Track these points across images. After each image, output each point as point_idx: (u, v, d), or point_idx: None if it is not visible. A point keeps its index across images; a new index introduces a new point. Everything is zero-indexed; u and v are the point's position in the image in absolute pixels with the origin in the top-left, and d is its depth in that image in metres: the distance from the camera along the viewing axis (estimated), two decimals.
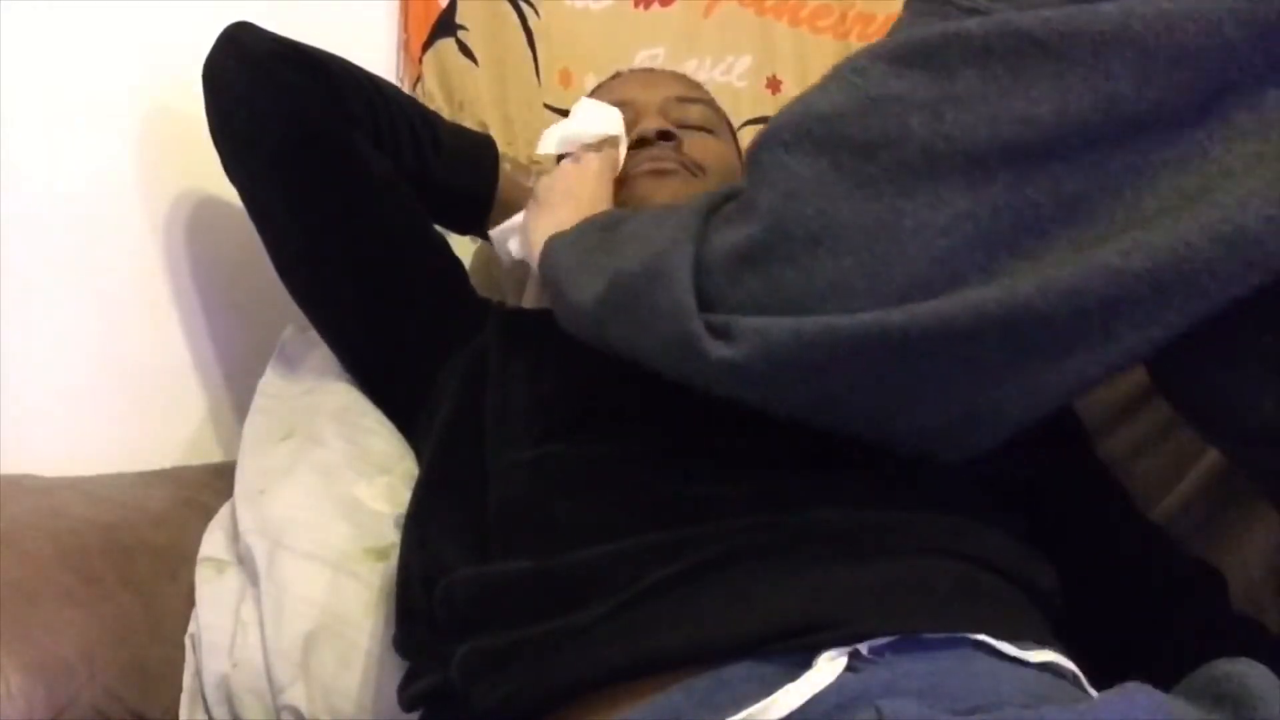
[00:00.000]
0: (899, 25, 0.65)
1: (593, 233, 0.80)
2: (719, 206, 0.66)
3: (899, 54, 0.58)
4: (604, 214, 0.85)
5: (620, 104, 1.05)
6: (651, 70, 1.22)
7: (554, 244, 0.82)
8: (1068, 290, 0.55)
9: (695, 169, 1.00)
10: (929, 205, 0.56)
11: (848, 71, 0.60)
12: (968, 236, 0.56)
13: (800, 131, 0.60)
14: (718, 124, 1.09)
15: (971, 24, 0.57)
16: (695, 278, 0.63)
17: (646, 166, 0.99)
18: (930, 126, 0.56)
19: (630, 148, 1.00)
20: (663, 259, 0.64)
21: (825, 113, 0.59)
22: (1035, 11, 0.56)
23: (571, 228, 0.84)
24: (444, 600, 0.74)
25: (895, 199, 0.57)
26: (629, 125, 1.03)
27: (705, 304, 0.63)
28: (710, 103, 1.10)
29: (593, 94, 1.13)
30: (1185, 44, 0.54)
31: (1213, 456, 0.90)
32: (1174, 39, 0.54)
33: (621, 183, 0.99)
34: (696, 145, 1.03)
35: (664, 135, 1.00)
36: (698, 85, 1.13)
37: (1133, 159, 0.56)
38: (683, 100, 1.07)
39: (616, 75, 1.16)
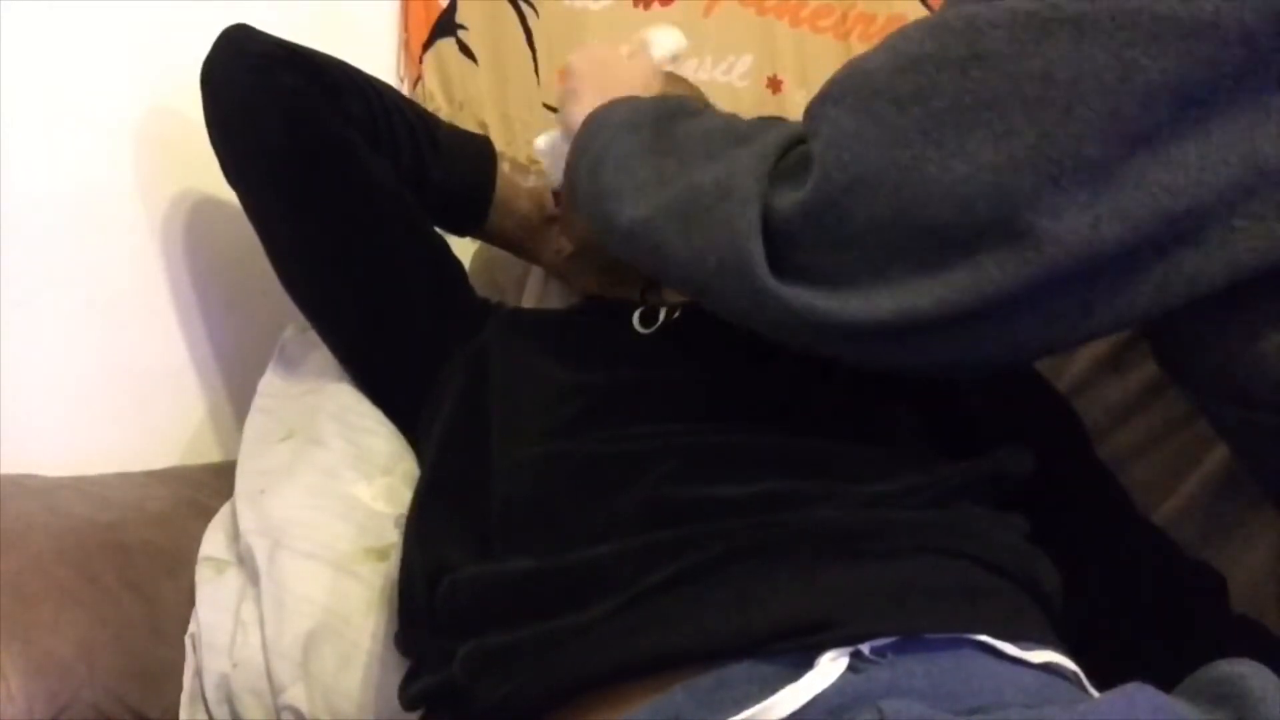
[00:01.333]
0: None
1: (648, 125, 0.80)
2: (789, 148, 0.69)
3: (935, 22, 0.63)
4: (657, 99, 0.84)
5: None
6: None
7: (602, 121, 0.81)
8: (1082, 251, 0.59)
9: None
10: (953, 154, 0.60)
11: (896, 36, 0.65)
12: (988, 187, 0.60)
13: (847, 88, 0.65)
14: None
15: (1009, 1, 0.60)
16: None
17: None
18: (957, 82, 0.60)
19: None
20: (735, 182, 0.68)
21: (869, 70, 0.64)
22: None
23: (620, 103, 0.83)
24: (446, 599, 0.74)
25: (924, 148, 0.61)
26: None
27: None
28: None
29: None
30: (1202, 19, 0.55)
31: (1213, 459, 0.90)
32: (1191, 13, 0.55)
33: None
34: None
35: None
36: (697, 90, 1.12)
37: (1151, 124, 0.57)
38: None
39: None
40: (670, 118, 0.79)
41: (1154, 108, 0.57)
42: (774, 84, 1.42)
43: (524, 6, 1.44)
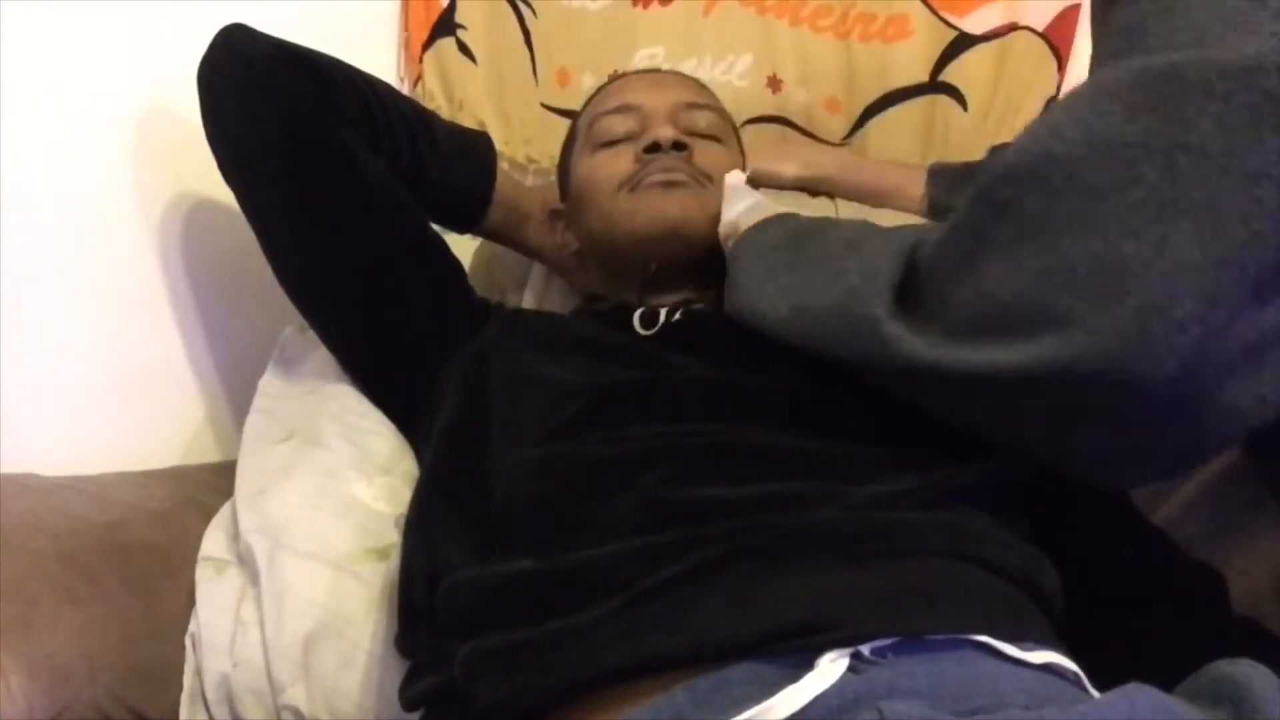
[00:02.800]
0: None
1: (782, 246, 0.88)
2: (915, 245, 0.71)
3: (1135, 98, 0.58)
4: (797, 222, 0.92)
5: (627, 108, 1.04)
6: (658, 72, 1.21)
7: (745, 243, 0.92)
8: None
9: (704, 179, 1.00)
10: (1154, 249, 0.56)
11: (1086, 112, 0.60)
12: (1189, 287, 0.56)
13: (1038, 173, 0.61)
14: (725, 131, 1.08)
15: (1206, 61, 0.56)
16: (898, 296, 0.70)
17: (658, 178, 0.98)
18: (1162, 174, 0.56)
19: (643, 152, 1.00)
20: (857, 299, 0.72)
21: (1060, 155, 0.60)
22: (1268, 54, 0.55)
23: (765, 226, 0.92)
24: (446, 600, 0.74)
25: (1122, 240, 0.57)
26: (638, 132, 1.02)
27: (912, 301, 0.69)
28: (719, 109, 1.09)
29: (595, 95, 1.11)
30: None
31: (1214, 461, 0.90)
32: None
33: (631, 191, 0.99)
34: (706, 155, 1.01)
35: (677, 145, 1.00)
36: (705, 88, 1.11)
37: None
38: (692, 106, 1.05)
39: (618, 76, 1.16)
40: (802, 237, 0.88)
41: None
42: (774, 83, 1.42)
43: (522, 7, 1.44)
